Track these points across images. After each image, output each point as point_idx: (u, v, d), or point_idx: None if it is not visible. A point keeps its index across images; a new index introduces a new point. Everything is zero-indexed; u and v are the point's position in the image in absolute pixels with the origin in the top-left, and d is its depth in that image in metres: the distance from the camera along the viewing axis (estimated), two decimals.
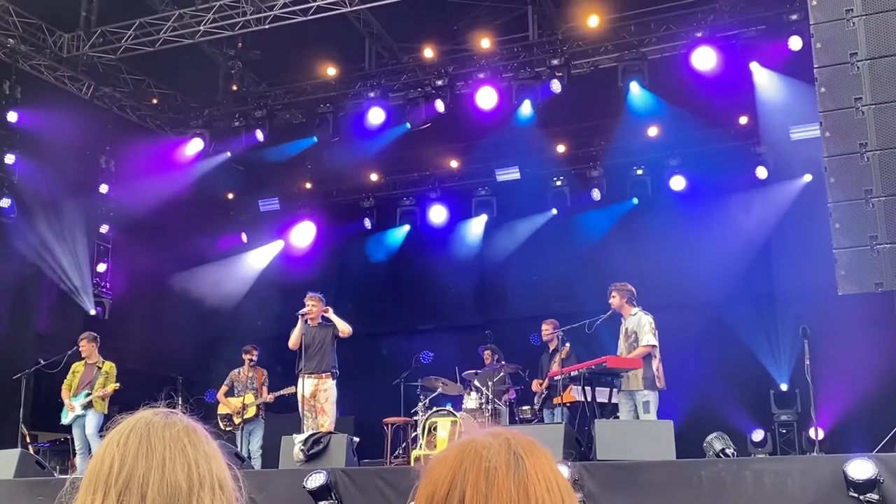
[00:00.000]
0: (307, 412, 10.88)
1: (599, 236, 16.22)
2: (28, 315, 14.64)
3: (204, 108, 16.92)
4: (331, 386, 11.04)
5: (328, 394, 10.99)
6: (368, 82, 15.98)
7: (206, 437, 1.76)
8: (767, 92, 14.09)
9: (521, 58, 15.24)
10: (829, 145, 7.95)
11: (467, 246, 17.63)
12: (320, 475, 8.45)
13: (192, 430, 1.75)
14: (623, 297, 10.25)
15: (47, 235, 14.96)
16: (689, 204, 15.58)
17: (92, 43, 14.68)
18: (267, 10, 13.67)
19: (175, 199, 16.22)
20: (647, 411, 9.65)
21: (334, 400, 11.05)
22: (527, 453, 1.59)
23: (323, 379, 11.00)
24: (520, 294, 16.55)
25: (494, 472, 1.54)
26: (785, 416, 13.76)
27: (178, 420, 1.76)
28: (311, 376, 10.96)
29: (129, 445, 1.68)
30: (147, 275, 16.52)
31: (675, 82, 14.23)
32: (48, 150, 14.60)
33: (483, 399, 11.90)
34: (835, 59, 8.01)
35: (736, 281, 14.59)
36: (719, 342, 14.33)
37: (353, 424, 13.98)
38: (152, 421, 1.73)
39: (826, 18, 8.12)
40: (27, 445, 12.58)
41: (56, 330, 14.87)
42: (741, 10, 13.73)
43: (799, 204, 14.67)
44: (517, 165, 16.86)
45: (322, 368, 11.03)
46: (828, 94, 8.00)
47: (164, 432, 1.70)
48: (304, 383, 10.90)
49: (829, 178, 7.89)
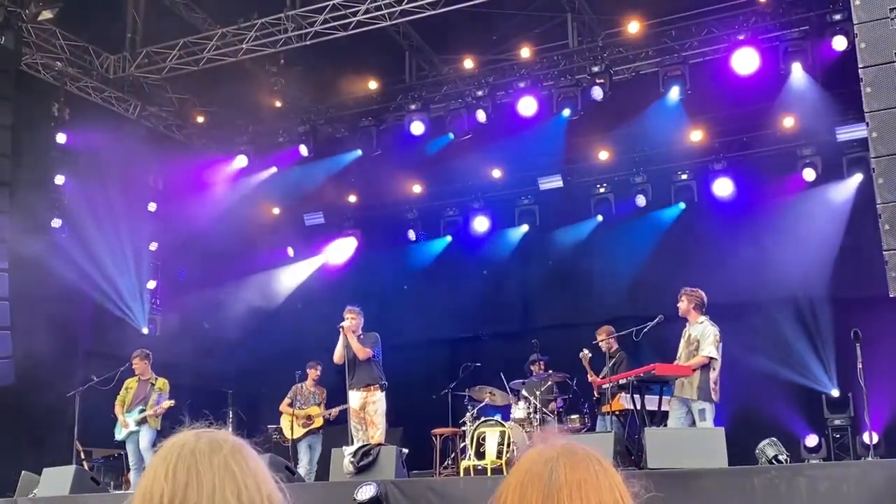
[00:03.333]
0: (357, 425, 10.94)
1: (646, 242, 16.10)
2: (79, 333, 14.86)
3: (248, 125, 17.12)
4: (379, 398, 11.05)
5: (377, 405, 11.00)
6: (410, 94, 16.07)
7: (252, 455, 1.75)
8: (812, 93, 13.94)
9: (562, 65, 15.24)
10: (876, 146, 7.85)
11: (511, 254, 17.60)
12: (370, 487, 8.48)
13: (238, 450, 1.73)
14: (691, 302, 10.02)
15: (98, 254, 15.20)
16: (735, 207, 15.43)
17: (137, 63, 14.93)
18: (308, 27, 13.80)
19: (221, 216, 16.42)
20: (703, 419, 9.48)
21: (383, 412, 11.06)
22: (569, 467, 1.62)
23: (371, 391, 11.01)
24: (565, 301, 16.50)
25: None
26: (838, 421, 13.56)
27: (224, 441, 1.74)
28: (359, 389, 10.99)
29: (178, 477, 1.66)
30: (196, 290, 16.72)
31: (717, 86, 14.13)
32: (97, 170, 14.85)
33: (531, 409, 11.85)
34: (879, 58, 7.92)
35: (785, 284, 14.40)
36: (769, 346, 14.16)
37: (401, 436, 14.01)
38: (197, 447, 1.71)
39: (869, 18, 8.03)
40: (82, 462, 12.75)
41: (108, 347, 15.07)
42: (783, 11, 13.60)
43: (848, 206, 14.48)
44: (560, 174, 16.82)
45: (369, 381, 11.02)
46: (873, 94, 7.91)
47: (211, 458, 1.69)
48: (353, 396, 10.97)
49: (878, 179, 7.79)
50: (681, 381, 9.66)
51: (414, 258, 18.34)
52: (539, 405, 11.83)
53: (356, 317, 11.21)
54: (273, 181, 17.40)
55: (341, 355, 11.03)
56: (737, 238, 14.92)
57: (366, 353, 10.96)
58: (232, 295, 17.21)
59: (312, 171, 17.19)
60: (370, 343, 11.10)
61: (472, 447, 11.39)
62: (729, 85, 13.93)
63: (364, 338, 11.15)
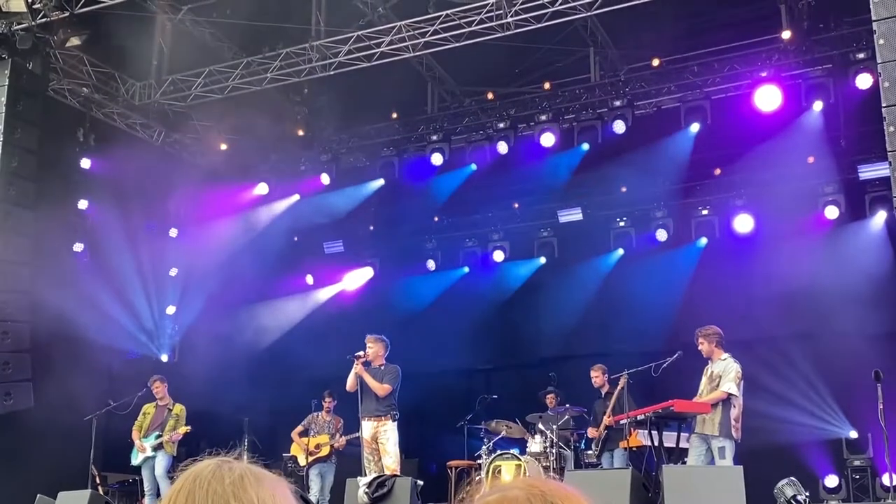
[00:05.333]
0: (369, 455, 10.76)
1: (666, 276, 16.03)
2: (97, 357, 14.91)
3: (270, 153, 17.23)
4: (391, 427, 10.82)
5: (388, 434, 10.78)
6: (431, 125, 16.17)
7: (257, 484, 1.70)
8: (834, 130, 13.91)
9: (583, 99, 15.29)
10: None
11: (529, 286, 17.57)
12: None
13: (240, 480, 1.69)
14: (711, 341, 9.98)
15: (119, 279, 15.28)
16: (755, 243, 15.36)
17: (163, 91, 15.08)
18: (332, 57, 13.92)
19: (242, 243, 16.48)
20: (722, 457, 9.39)
21: (396, 441, 10.83)
22: None
23: (382, 421, 10.79)
24: (582, 334, 16.43)
25: None
26: (858, 462, 13.40)
27: (228, 471, 1.71)
28: (370, 419, 10.80)
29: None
30: (214, 317, 16.76)
31: (739, 122, 14.13)
32: (119, 195, 14.97)
33: (547, 443, 11.80)
34: None
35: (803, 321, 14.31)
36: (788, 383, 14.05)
37: (417, 467, 13.95)
38: (200, 476, 1.70)
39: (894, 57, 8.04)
40: (97, 486, 12.77)
41: (125, 372, 15.12)
42: (807, 49, 13.61)
43: (870, 244, 14.40)
44: (579, 207, 16.81)
45: (381, 411, 10.80)
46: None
47: (208, 488, 1.67)
48: (365, 426, 10.81)
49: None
50: (702, 418, 9.59)
51: (430, 288, 18.32)
52: (556, 439, 11.78)
53: (375, 344, 10.96)
54: (293, 209, 17.49)
55: (353, 384, 10.81)
56: (755, 274, 14.84)
57: (385, 390, 10.73)
58: (251, 321, 17.24)
59: (333, 199, 17.27)
60: (390, 378, 10.86)
61: (488, 480, 11.33)
62: (751, 121, 13.92)
63: (385, 370, 10.94)
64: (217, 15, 14.51)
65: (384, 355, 11.05)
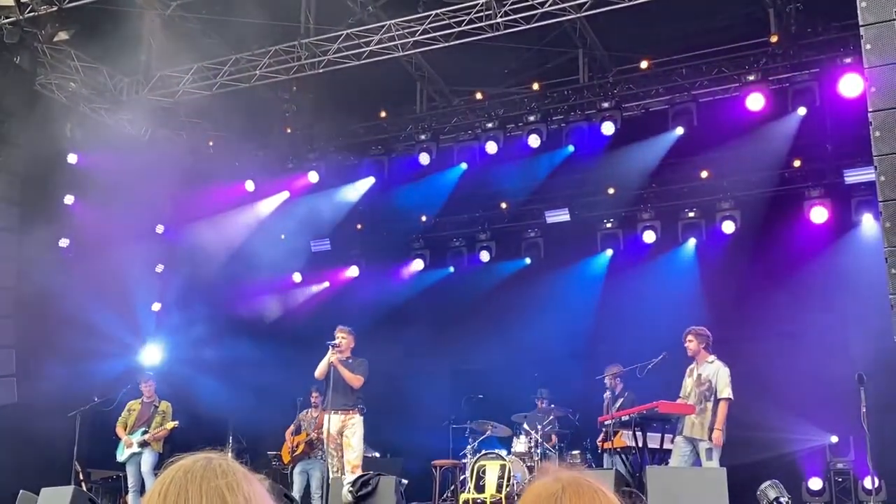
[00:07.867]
0: (332, 450, 10.70)
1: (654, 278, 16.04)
2: (83, 353, 14.84)
3: (258, 151, 17.18)
4: (358, 421, 10.82)
5: (355, 429, 10.77)
6: (420, 124, 16.16)
7: (246, 482, 1.74)
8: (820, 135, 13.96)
9: (572, 100, 15.32)
10: (884, 190, 7.84)
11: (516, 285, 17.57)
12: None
13: (233, 477, 1.72)
14: (700, 342, 10.03)
15: (104, 275, 15.20)
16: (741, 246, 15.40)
17: (151, 86, 15.02)
18: (321, 55, 13.90)
19: (229, 240, 16.43)
20: (709, 458, 9.42)
21: (361, 435, 10.83)
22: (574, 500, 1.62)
23: (351, 415, 10.79)
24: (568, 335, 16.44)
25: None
26: (840, 465, 13.47)
27: (219, 467, 1.73)
28: (338, 412, 10.74)
29: (168, 499, 1.68)
30: (200, 313, 16.70)
31: (726, 124, 14.17)
32: (106, 191, 14.89)
33: (532, 443, 11.81)
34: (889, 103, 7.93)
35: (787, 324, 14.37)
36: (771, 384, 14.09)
37: (401, 466, 13.95)
38: (191, 470, 1.72)
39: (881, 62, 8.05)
40: (80, 483, 12.72)
41: (110, 368, 15.06)
42: (794, 53, 13.67)
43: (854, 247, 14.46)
44: (567, 207, 16.81)
45: (350, 404, 10.82)
46: (882, 138, 7.91)
47: (201, 483, 1.69)
48: (331, 420, 10.67)
49: (885, 223, 7.77)
50: (691, 421, 9.61)
51: (417, 287, 18.31)
52: (541, 439, 11.80)
53: (346, 336, 11.00)
54: (281, 206, 17.44)
55: (323, 371, 10.77)
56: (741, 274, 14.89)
57: (359, 381, 10.77)
58: (236, 319, 17.19)
59: (321, 197, 17.23)
60: (363, 371, 10.89)
61: (472, 480, 11.35)
62: (738, 124, 13.97)
63: (354, 363, 10.95)
64: (206, 11, 14.46)
65: (352, 348, 11.07)
